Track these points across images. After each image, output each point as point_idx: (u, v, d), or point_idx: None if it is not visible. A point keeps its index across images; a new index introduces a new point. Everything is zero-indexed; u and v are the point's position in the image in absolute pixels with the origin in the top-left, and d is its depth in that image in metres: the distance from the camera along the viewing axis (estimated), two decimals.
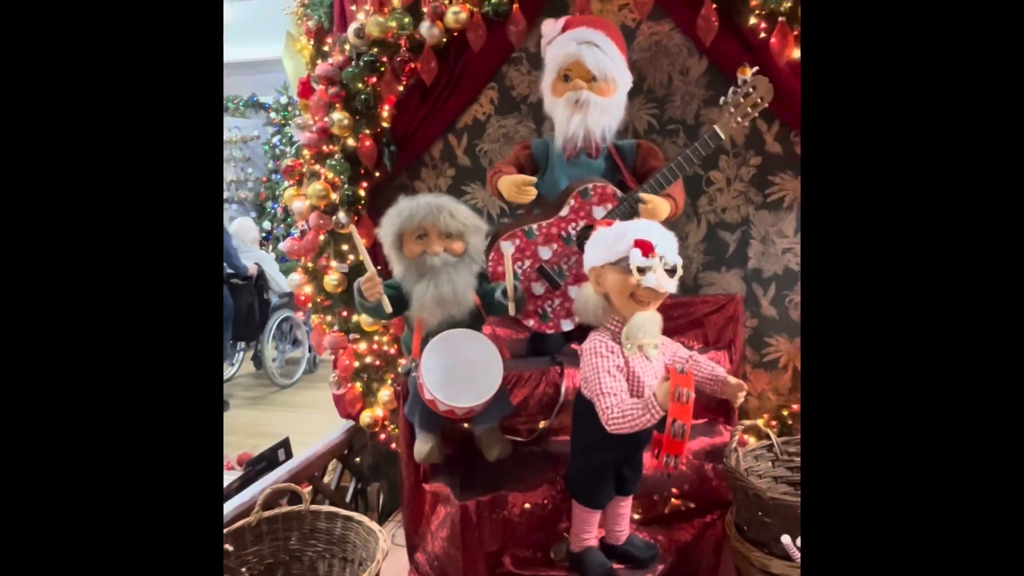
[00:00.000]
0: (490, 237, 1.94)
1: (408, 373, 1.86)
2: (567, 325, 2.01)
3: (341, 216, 2.42)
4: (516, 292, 1.80)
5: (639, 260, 1.49)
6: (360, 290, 1.77)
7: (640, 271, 1.49)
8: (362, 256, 1.79)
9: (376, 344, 2.53)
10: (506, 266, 1.77)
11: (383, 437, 2.58)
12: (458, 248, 1.78)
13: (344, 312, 2.52)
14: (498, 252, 1.93)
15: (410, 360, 1.84)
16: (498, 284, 1.84)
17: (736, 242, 2.36)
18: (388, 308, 1.78)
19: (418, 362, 1.72)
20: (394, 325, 2.46)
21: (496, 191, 2.08)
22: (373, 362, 2.53)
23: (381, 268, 1.86)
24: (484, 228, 1.84)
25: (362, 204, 2.48)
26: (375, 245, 1.87)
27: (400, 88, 2.40)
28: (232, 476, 2.60)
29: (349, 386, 2.55)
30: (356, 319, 2.50)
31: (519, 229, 1.97)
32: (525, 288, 1.93)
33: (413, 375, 1.78)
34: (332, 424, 2.70)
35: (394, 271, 1.84)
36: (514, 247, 1.95)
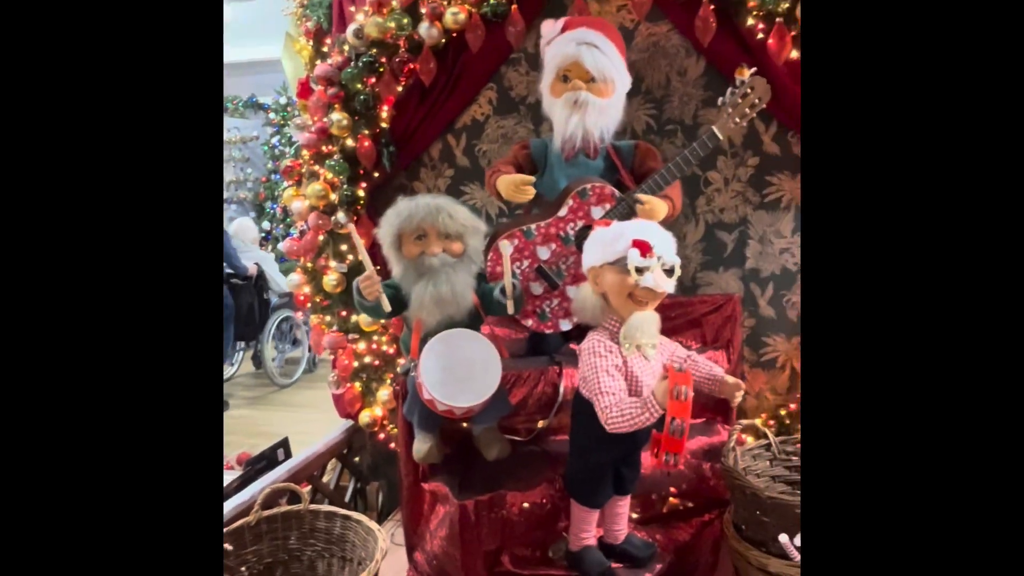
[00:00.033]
0: (489, 237, 1.94)
1: (407, 373, 1.86)
2: (565, 325, 2.01)
3: (340, 216, 2.41)
4: (515, 290, 1.80)
5: (637, 260, 1.49)
6: (359, 289, 1.77)
7: (638, 271, 1.50)
8: (361, 256, 1.79)
9: (375, 344, 2.53)
10: (504, 264, 1.77)
11: (382, 437, 2.58)
12: (457, 249, 1.79)
13: (343, 312, 2.52)
14: (497, 252, 1.93)
15: (409, 360, 1.84)
16: (497, 284, 1.84)
17: (734, 242, 2.37)
18: (387, 307, 1.78)
19: (417, 362, 1.72)
20: (393, 325, 2.46)
21: (494, 190, 2.07)
22: (372, 362, 2.54)
23: (380, 268, 1.86)
24: (483, 229, 1.84)
25: (361, 204, 2.48)
26: (374, 245, 1.88)
27: (399, 89, 2.40)
28: (231, 476, 2.61)
29: (348, 386, 2.55)
30: (355, 319, 2.50)
31: (518, 229, 1.97)
32: (524, 288, 1.93)
33: (412, 375, 1.78)
34: (331, 424, 2.70)
35: (393, 271, 1.84)
36: (512, 247, 1.95)
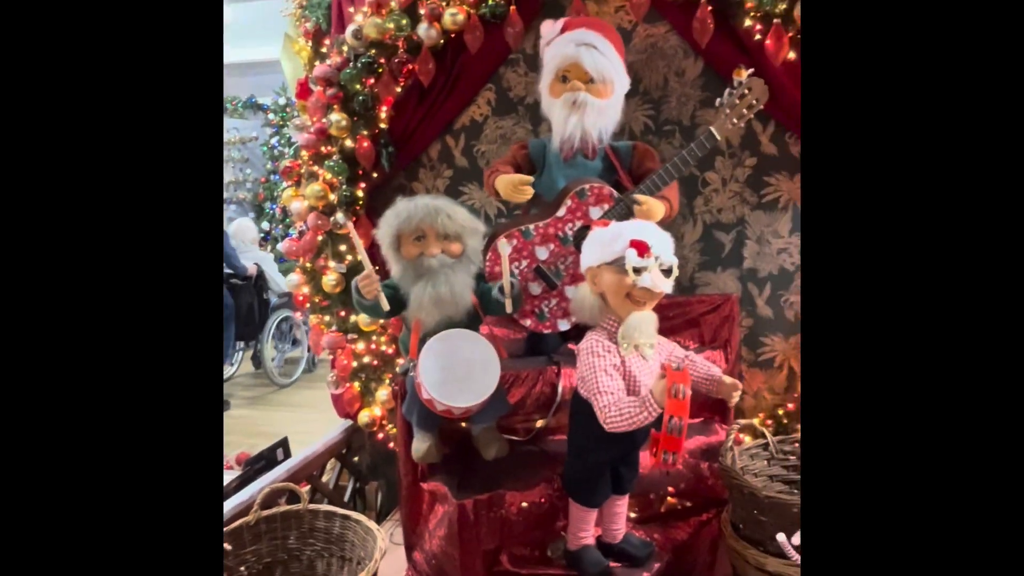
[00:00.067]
0: (487, 238, 1.95)
1: (406, 373, 1.86)
2: (564, 325, 2.02)
3: (339, 217, 2.42)
4: (513, 289, 1.80)
5: (635, 260, 1.49)
6: (358, 288, 1.77)
7: (636, 271, 1.50)
8: (360, 256, 1.79)
9: (374, 344, 2.53)
10: (503, 263, 1.77)
11: (381, 436, 2.58)
12: (456, 249, 1.79)
13: (342, 312, 2.52)
14: (495, 252, 1.94)
15: (408, 360, 1.84)
16: (496, 283, 1.84)
17: (732, 242, 2.37)
18: (385, 306, 1.79)
19: (415, 362, 1.72)
20: (392, 325, 2.46)
21: (493, 190, 2.08)
22: (371, 362, 2.54)
23: (379, 269, 1.87)
24: (481, 229, 1.85)
25: (360, 205, 2.49)
26: (373, 245, 1.88)
27: (398, 89, 2.41)
28: (231, 475, 2.61)
29: (347, 386, 2.55)
30: (354, 319, 2.50)
31: (516, 229, 1.98)
32: (522, 288, 1.94)
33: (411, 375, 1.78)
34: (331, 423, 2.70)
35: (392, 272, 1.84)
36: (511, 247, 1.95)
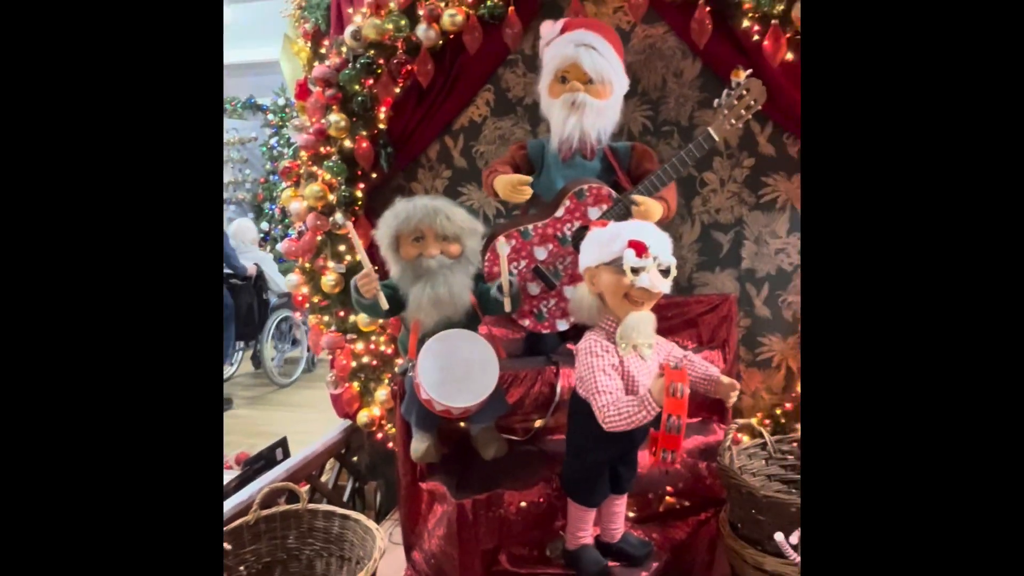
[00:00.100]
0: (486, 239, 1.95)
1: (405, 373, 1.86)
2: (562, 325, 2.02)
3: (338, 217, 2.42)
4: (511, 288, 1.80)
5: (633, 260, 1.50)
6: (356, 287, 1.78)
7: (634, 271, 1.50)
8: (359, 256, 1.79)
9: (373, 344, 2.54)
10: (501, 262, 1.77)
11: (380, 436, 2.59)
12: (454, 250, 1.79)
13: (341, 312, 2.53)
14: (494, 252, 1.94)
15: (407, 360, 1.84)
16: (495, 282, 1.84)
17: (730, 243, 2.38)
18: (384, 305, 1.79)
19: (414, 362, 1.72)
20: (391, 325, 2.47)
21: (491, 190, 2.08)
22: (370, 362, 2.54)
23: (378, 269, 1.87)
24: (480, 230, 1.85)
25: (359, 205, 2.49)
26: (372, 246, 1.89)
27: (397, 90, 2.41)
28: (230, 475, 2.61)
29: (346, 386, 2.56)
30: (353, 319, 2.51)
31: (515, 229, 1.98)
32: (521, 288, 1.94)
33: (410, 375, 1.78)
34: (330, 423, 2.70)
35: (391, 272, 1.85)
36: (510, 247, 1.96)
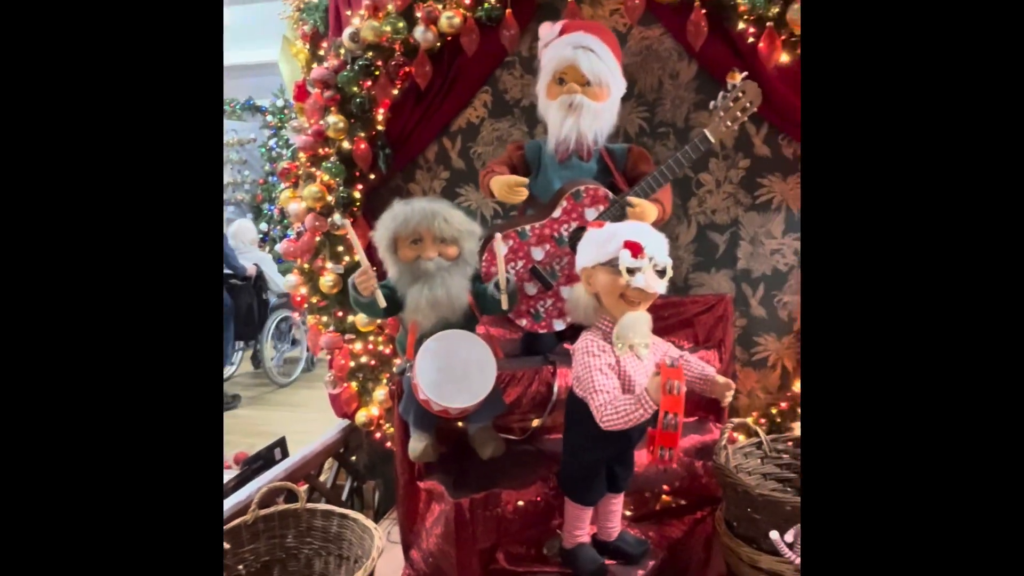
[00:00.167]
0: (483, 240, 1.96)
1: (403, 373, 1.87)
2: (559, 325, 2.03)
3: (337, 218, 2.43)
4: (509, 285, 1.80)
5: (628, 261, 1.50)
6: (355, 285, 1.78)
7: (629, 272, 1.50)
8: (358, 256, 1.80)
9: (371, 344, 2.55)
10: (498, 259, 1.78)
11: (378, 436, 2.59)
12: (452, 253, 1.80)
13: (339, 312, 2.54)
14: (491, 251, 1.95)
15: (405, 360, 1.85)
16: (492, 280, 1.84)
17: (725, 243, 2.39)
18: (382, 303, 1.79)
19: (412, 362, 1.73)
20: (389, 325, 2.48)
21: (488, 190, 2.09)
22: (368, 362, 2.55)
23: (376, 269, 1.88)
24: (478, 232, 1.85)
25: (357, 206, 2.50)
26: (370, 246, 1.89)
27: (395, 92, 2.42)
28: (229, 475, 2.61)
29: (345, 386, 2.57)
30: (351, 320, 2.52)
31: (512, 230, 1.99)
32: (518, 287, 1.95)
33: (408, 375, 1.79)
34: (329, 423, 2.71)
35: (389, 273, 1.86)
36: (507, 247, 1.97)
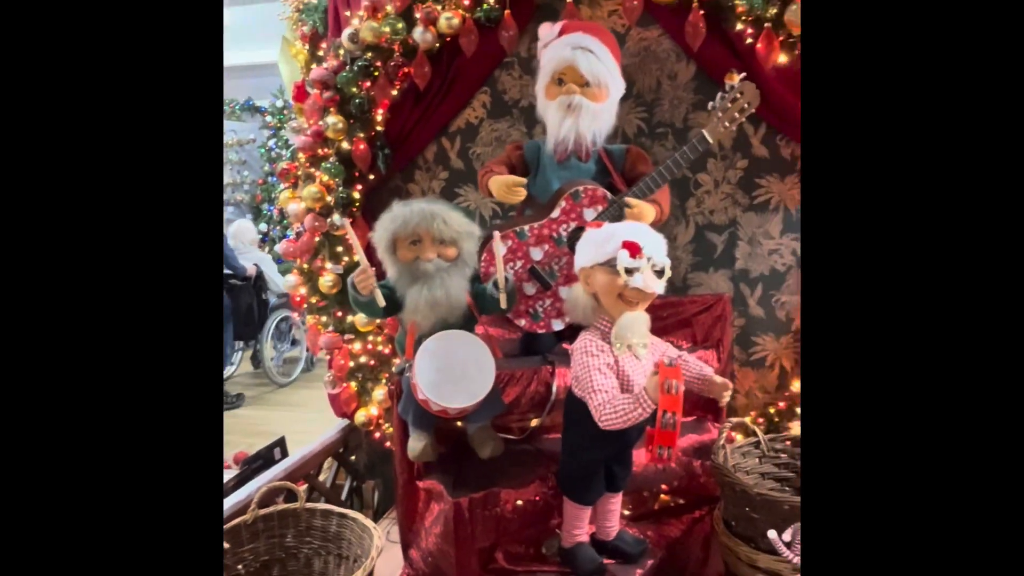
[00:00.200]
0: (482, 240, 1.96)
1: (402, 373, 1.87)
2: (558, 325, 2.04)
3: (336, 218, 2.44)
4: (507, 284, 1.81)
5: (627, 261, 1.50)
6: (354, 284, 1.78)
7: (628, 272, 1.51)
8: (358, 256, 1.80)
9: (370, 344, 2.55)
10: (497, 258, 1.78)
11: (378, 436, 2.60)
12: (451, 254, 1.80)
13: (339, 313, 2.54)
14: (490, 251, 1.95)
15: (404, 360, 1.85)
16: (491, 280, 1.85)
17: (724, 243, 2.39)
18: (381, 302, 1.79)
19: (412, 362, 1.73)
20: (388, 325, 2.48)
21: (486, 190, 2.09)
22: (368, 362, 2.55)
23: (376, 269, 1.88)
24: (477, 233, 1.85)
25: (356, 206, 2.50)
26: (369, 246, 1.90)
27: (394, 92, 2.43)
28: (229, 475, 2.62)
29: (344, 386, 2.57)
30: (351, 320, 2.52)
31: (511, 230, 2.00)
32: (517, 287, 1.95)
33: (407, 375, 1.79)
34: (329, 423, 2.71)
35: (388, 273, 1.86)
36: (506, 247, 1.97)
